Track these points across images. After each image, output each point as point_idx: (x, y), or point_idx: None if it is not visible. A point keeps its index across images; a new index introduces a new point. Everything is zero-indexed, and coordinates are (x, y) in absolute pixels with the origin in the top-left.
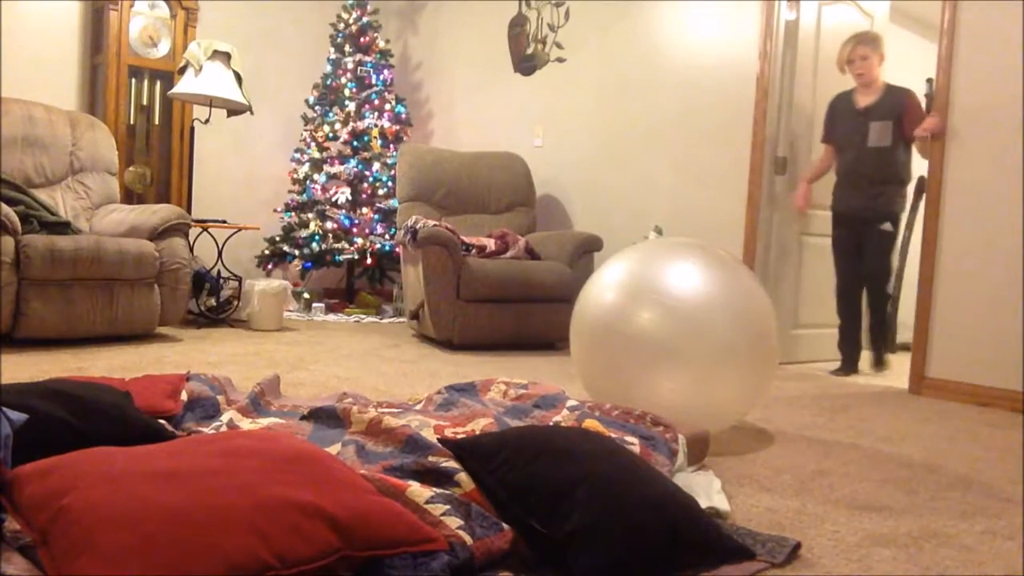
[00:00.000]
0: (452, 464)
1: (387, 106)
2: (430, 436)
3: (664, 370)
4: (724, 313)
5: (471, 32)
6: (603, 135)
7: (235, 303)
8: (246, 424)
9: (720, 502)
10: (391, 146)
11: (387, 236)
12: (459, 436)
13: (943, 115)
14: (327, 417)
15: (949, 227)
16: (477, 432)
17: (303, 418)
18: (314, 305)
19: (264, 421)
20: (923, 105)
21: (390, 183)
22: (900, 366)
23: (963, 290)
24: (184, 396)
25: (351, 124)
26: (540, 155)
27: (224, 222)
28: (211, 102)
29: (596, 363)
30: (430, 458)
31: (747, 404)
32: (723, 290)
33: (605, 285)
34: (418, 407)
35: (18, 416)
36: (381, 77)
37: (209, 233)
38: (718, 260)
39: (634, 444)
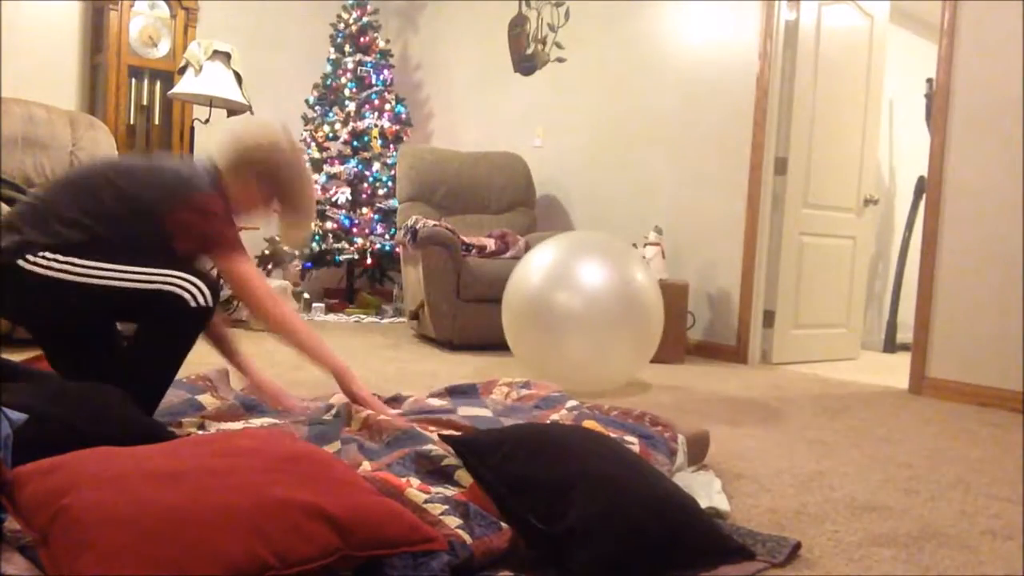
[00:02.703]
0: (452, 461)
1: (387, 106)
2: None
3: (573, 336)
4: (616, 297)
5: (471, 32)
6: (603, 135)
7: (235, 303)
8: (239, 426)
9: (720, 502)
10: (391, 146)
11: (387, 236)
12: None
13: (942, 115)
14: (336, 414)
15: (949, 227)
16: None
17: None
18: (314, 305)
19: (257, 422)
20: (924, 105)
21: (390, 183)
22: (900, 366)
23: (963, 290)
24: None
25: (351, 124)
26: (540, 155)
27: None
28: (211, 102)
29: (524, 332)
30: (431, 452)
31: (634, 366)
32: (618, 280)
33: (532, 269)
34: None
35: (18, 416)
36: (381, 77)
37: None
38: (620, 255)
39: (634, 443)
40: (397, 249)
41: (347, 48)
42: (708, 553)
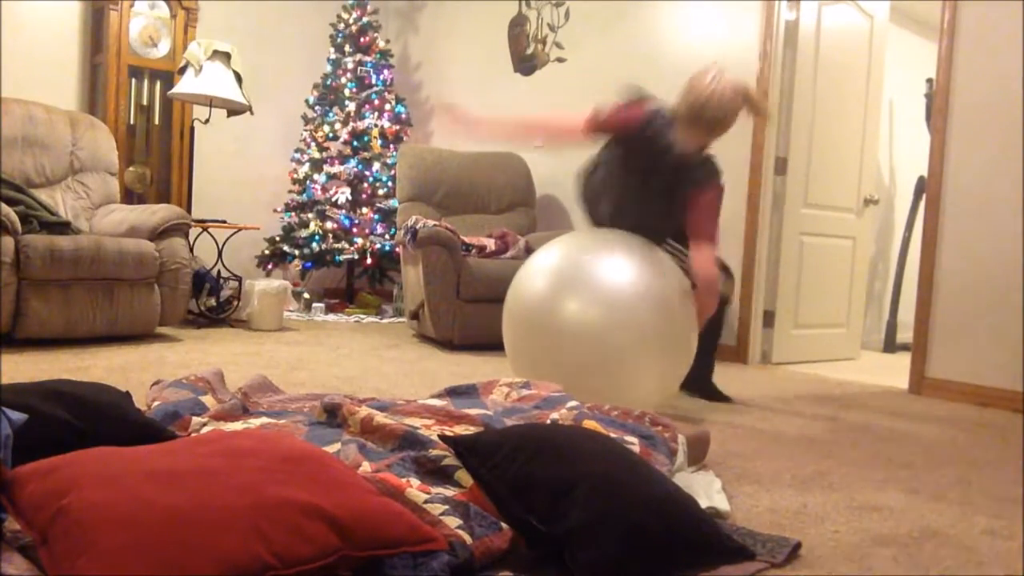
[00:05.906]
0: (452, 461)
1: (387, 106)
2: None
3: (588, 355)
4: (648, 305)
5: (471, 32)
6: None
7: (235, 303)
8: (238, 426)
9: (720, 502)
10: (391, 146)
11: (387, 236)
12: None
13: (941, 115)
14: (331, 414)
15: (949, 227)
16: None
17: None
18: (314, 305)
19: (256, 422)
20: (924, 105)
21: (390, 183)
22: (900, 366)
23: (963, 290)
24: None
25: (351, 124)
26: (540, 155)
27: (224, 222)
28: (211, 102)
29: (526, 348)
30: (431, 453)
31: (662, 390)
32: (648, 285)
33: (536, 271)
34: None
35: (18, 416)
36: (381, 77)
37: (209, 233)
38: (648, 256)
39: (634, 444)
40: (397, 249)
41: (347, 48)
42: (708, 553)
